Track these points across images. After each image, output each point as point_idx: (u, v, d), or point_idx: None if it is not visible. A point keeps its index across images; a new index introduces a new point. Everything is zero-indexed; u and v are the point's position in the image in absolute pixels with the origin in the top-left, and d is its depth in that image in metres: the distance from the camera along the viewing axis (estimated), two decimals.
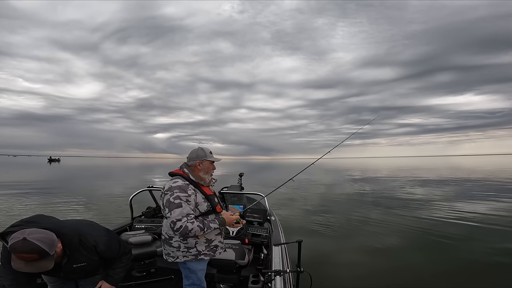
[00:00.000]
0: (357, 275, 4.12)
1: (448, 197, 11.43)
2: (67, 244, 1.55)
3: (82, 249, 1.61)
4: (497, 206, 9.27)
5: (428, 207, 9.26)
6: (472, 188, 14.48)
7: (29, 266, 1.36)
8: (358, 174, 25.87)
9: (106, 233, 1.74)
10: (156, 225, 3.47)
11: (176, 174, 1.99)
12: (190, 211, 1.83)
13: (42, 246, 1.35)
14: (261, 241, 3.16)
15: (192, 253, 1.93)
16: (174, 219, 1.75)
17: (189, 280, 2.02)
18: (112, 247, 1.73)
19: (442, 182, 17.71)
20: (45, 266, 1.40)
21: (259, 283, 2.50)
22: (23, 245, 1.32)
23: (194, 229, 1.77)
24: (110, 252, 1.73)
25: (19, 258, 1.35)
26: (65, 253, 1.56)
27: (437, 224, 6.97)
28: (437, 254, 4.98)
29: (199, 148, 2.08)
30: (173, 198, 1.81)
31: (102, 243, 1.67)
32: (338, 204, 10.33)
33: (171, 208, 1.78)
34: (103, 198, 11.30)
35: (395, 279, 4.01)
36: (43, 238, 1.40)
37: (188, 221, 1.76)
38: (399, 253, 5.06)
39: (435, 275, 4.11)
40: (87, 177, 23.68)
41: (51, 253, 1.41)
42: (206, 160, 2.04)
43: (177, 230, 1.75)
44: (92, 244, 1.64)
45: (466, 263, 4.59)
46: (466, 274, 4.17)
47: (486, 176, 21.66)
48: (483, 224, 6.96)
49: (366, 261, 4.66)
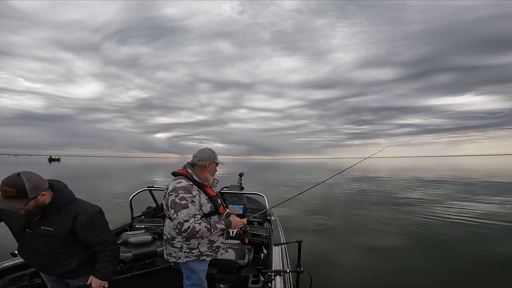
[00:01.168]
0: (357, 275, 4.11)
1: (448, 197, 11.41)
2: (53, 202, 1.48)
3: (61, 214, 1.49)
4: (497, 206, 9.25)
5: (429, 207, 9.24)
6: (473, 188, 14.45)
7: (4, 203, 1.33)
8: (359, 174, 25.84)
9: (97, 213, 1.58)
10: (156, 225, 3.47)
11: (180, 174, 1.97)
12: (197, 212, 1.81)
13: (25, 185, 1.33)
14: (261, 241, 3.16)
15: (194, 254, 1.92)
16: (181, 220, 1.72)
17: (190, 280, 2.01)
18: (93, 226, 1.54)
19: (442, 183, 17.67)
20: (15, 205, 1.34)
21: (259, 283, 2.50)
22: (10, 179, 1.33)
23: (202, 229, 1.75)
24: (88, 229, 1.52)
25: (1, 191, 1.33)
26: (43, 210, 1.47)
27: (437, 225, 6.96)
28: (438, 254, 4.97)
29: (209, 149, 2.08)
30: (178, 199, 1.78)
31: (85, 215, 1.51)
32: (338, 204, 10.31)
33: (177, 209, 1.75)
34: (103, 197, 11.29)
35: (395, 279, 4.00)
36: (32, 178, 1.39)
37: (195, 222, 1.75)
38: (399, 253, 5.05)
39: (435, 275, 4.10)
40: (87, 177, 23.70)
41: (29, 196, 1.35)
42: (215, 162, 2.06)
43: (185, 231, 1.72)
44: (76, 212, 1.51)
45: (467, 263, 4.58)
46: (467, 274, 4.16)
47: (487, 177, 21.64)
48: (484, 225, 6.95)
49: (366, 261, 4.66)
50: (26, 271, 2.20)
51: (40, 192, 1.41)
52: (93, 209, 1.57)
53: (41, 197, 1.43)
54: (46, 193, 1.45)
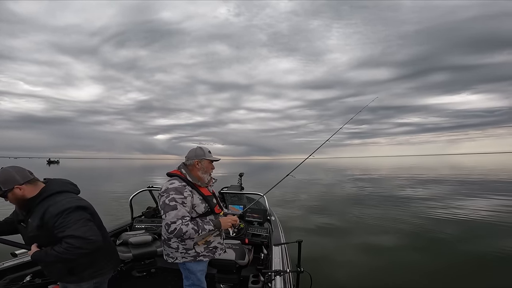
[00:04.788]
0: (357, 275, 4.11)
1: (447, 195, 11.41)
2: (35, 196, 1.48)
3: (38, 207, 1.48)
4: (497, 204, 9.26)
5: (428, 206, 9.24)
6: (472, 186, 14.45)
7: None
8: (358, 173, 25.86)
9: (72, 208, 1.46)
10: (156, 225, 3.47)
11: (174, 175, 1.97)
12: (186, 214, 1.80)
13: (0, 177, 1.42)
14: (261, 241, 3.16)
15: (190, 255, 1.92)
16: (168, 221, 1.73)
17: (189, 281, 2.01)
18: (60, 219, 1.41)
19: (442, 181, 17.68)
20: None
21: (259, 283, 2.50)
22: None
23: (189, 231, 1.74)
24: (53, 222, 1.42)
25: None
26: (27, 204, 1.48)
27: (437, 223, 6.96)
28: (437, 253, 4.96)
29: (197, 147, 2.06)
30: (168, 200, 1.78)
31: (55, 208, 1.43)
32: (338, 204, 10.31)
33: (166, 211, 1.76)
34: (102, 198, 11.30)
35: (395, 279, 4.00)
36: (9, 172, 1.45)
37: (182, 224, 1.73)
38: (399, 253, 5.05)
39: (435, 274, 4.10)
40: (86, 179, 23.64)
41: (2, 188, 1.42)
42: (205, 159, 2.02)
43: (172, 233, 1.72)
44: (46, 206, 1.45)
45: (466, 261, 4.57)
46: (466, 273, 4.15)
47: (486, 175, 21.65)
48: (482, 223, 6.96)
49: (367, 261, 4.65)
50: (26, 271, 2.20)
51: (12, 186, 1.44)
52: (68, 205, 1.46)
53: (18, 191, 1.45)
54: (23, 187, 1.47)
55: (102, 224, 1.73)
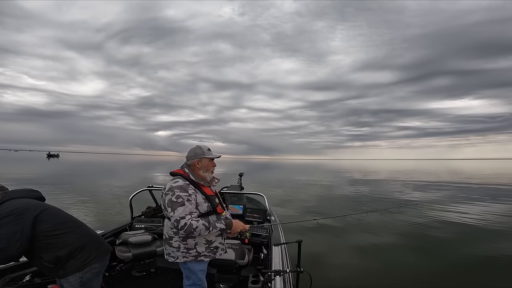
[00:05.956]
0: (357, 275, 4.11)
1: (447, 200, 11.39)
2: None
3: None
4: (496, 209, 9.25)
5: (428, 209, 9.22)
6: (471, 191, 14.44)
7: None
8: (358, 175, 25.79)
9: (4, 213, 1.48)
10: (156, 225, 3.46)
11: (177, 174, 1.98)
12: (193, 210, 1.82)
13: None
14: (261, 241, 3.15)
15: (191, 254, 1.92)
16: (177, 217, 1.72)
17: (189, 280, 2.01)
18: None
19: (441, 186, 17.67)
20: None
21: (259, 283, 2.49)
22: None
23: (199, 227, 1.75)
24: None
25: None
26: None
27: (436, 227, 6.96)
28: (436, 256, 4.96)
29: (196, 146, 2.05)
30: (175, 198, 1.79)
31: None
32: (338, 205, 10.31)
33: (174, 207, 1.76)
34: (101, 196, 11.21)
35: (394, 279, 4.01)
36: None
37: (192, 219, 1.75)
38: (398, 254, 5.06)
39: (434, 275, 4.11)
40: (85, 173, 23.55)
41: None
42: (205, 158, 2.01)
43: (182, 228, 1.72)
44: None
45: (465, 265, 4.58)
46: (464, 275, 4.16)
47: (486, 180, 21.62)
48: (481, 227, 6.96)
49: (366, 261, 4.66)
50: (26, 271, 2.18)
51: None
52: (5, 210, 1.49)
53: None
54: None
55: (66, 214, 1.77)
